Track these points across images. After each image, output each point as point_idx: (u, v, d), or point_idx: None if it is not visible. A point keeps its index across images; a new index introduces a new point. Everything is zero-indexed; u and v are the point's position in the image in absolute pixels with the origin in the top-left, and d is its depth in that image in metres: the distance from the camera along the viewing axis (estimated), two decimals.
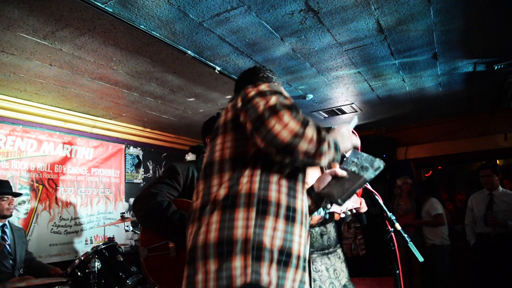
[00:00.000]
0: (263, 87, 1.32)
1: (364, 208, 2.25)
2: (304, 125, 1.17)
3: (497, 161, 6.01)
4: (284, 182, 1.27)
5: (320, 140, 1.18)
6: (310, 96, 4.34)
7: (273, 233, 1.17)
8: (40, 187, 4.20)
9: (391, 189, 5.60)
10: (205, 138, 2.28)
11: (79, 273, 3.13)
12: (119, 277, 3.22)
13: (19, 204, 3.94)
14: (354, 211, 2.20)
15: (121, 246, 3.62)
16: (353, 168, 1.48)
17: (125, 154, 5.36)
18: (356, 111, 5.07)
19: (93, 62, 3.16)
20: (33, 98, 3.98)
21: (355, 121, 1.63)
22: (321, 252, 2.35)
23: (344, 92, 4.28)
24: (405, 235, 1.74)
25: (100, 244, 3.36)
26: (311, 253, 2.28)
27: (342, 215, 2.20)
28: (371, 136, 6.10)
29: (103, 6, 2.33)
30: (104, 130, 5.01)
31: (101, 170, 4.96)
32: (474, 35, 2.99)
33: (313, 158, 1.19)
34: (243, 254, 1.12)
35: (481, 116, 5.44)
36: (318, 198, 1.54)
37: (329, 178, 1.54)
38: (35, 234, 4.06)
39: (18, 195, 3.65)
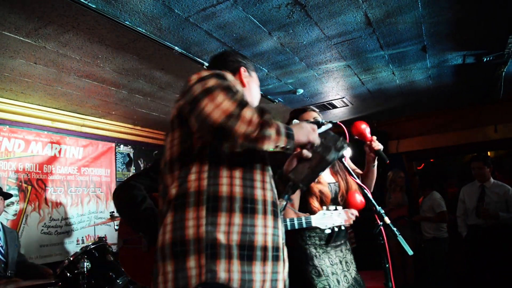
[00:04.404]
0: (205, 73, 1.25)
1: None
2: (241, 105, 1.11)
3: (488, 153, 6.04)
4: (237, 174, 1.21)
5: (263, 123, 1.11)
6: (301, 91, 4.31)
7: (228, 229, 1.13)
8: (29, 187, 4.14)
9: (383, 182, 5.59)
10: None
11: (68, 274, 3.09)
12: (109, 277, 3.18)
13: (7, 205, 3.87)
14: (342, 228, 2.09)
15: (112, 246, 3.58)
16: (319, 149, 1.42)
17: (116, 153, 5.31)
18: (347, 105, 5.05)
19: (79, 59, 3.11)
20: (19, 97, 3.91)
21: (327, 126, 1.63)
22: (334, 244, 2.32)
23: (334, 86, 4.26)
24: (394, 229, 1.73)
25: (90, 244, 3.32)
26: (325, 246, 2.24)
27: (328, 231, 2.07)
28: None
29: (85, 2, 2.28)
30: (94, 128, 4.94)
31: (91, 169, 4.90)
32: (463, 27, 2.98)
33: (255, 142, 1.12)
34: (197, 254, 1.09)
35: (471, 109, 5.45)
36: (286, 182, 1.45)
37: (295, 161, 1.47)
38: (25, 235, 4.00)
39: (8, 196, 3.59)
